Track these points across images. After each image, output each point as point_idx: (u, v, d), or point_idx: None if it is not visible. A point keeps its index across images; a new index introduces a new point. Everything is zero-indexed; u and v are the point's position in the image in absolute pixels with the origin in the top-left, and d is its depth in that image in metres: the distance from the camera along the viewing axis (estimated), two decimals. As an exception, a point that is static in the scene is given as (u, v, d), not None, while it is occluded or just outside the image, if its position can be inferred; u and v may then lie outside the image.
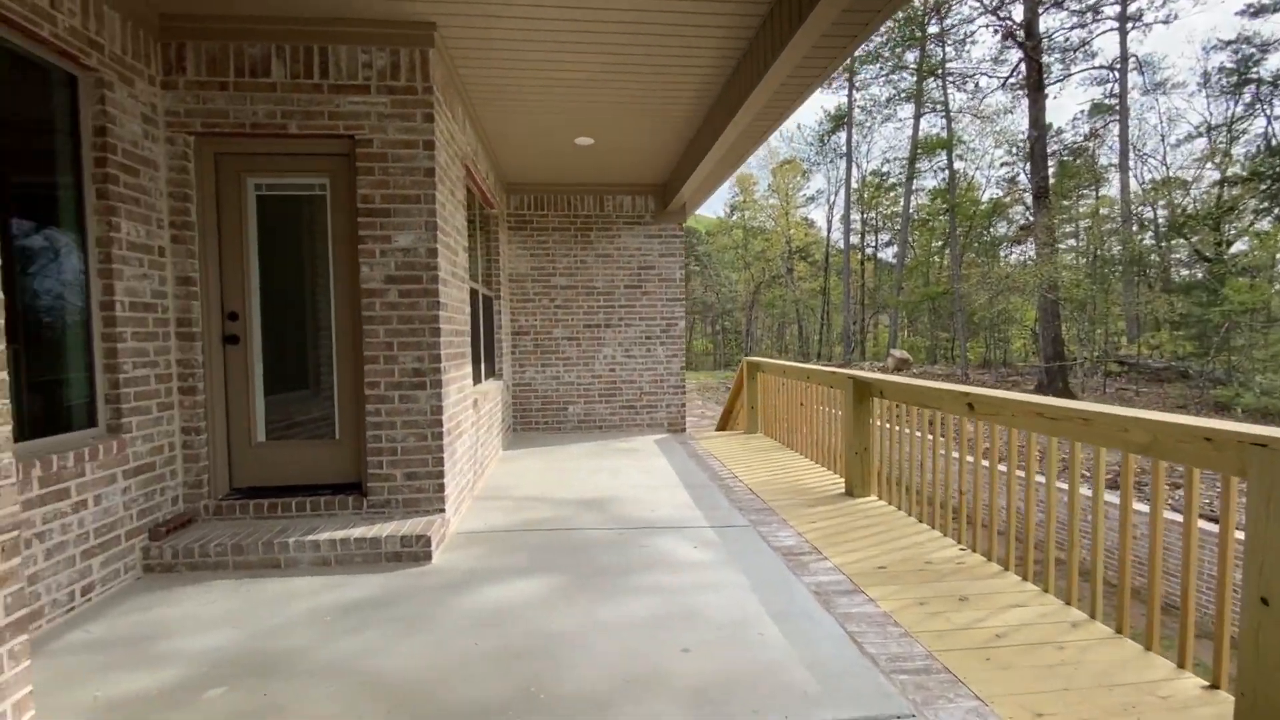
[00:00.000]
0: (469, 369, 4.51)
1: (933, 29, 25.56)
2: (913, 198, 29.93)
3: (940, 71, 24.51)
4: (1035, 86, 17.96)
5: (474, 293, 5.46)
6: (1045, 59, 22.06)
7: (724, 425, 8.73)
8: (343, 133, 3.55)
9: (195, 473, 3.54)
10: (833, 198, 42.19)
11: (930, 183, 29.91)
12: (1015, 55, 21.65)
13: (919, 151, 25.26)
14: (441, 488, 3.68)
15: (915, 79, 26.43)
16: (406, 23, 3.49)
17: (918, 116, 26.65)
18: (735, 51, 3.92)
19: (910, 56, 26.90)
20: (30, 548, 2.48)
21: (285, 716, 1.99)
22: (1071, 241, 22.10)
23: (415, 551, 3.33)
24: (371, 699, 2.08)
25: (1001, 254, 31.21)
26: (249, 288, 3.69)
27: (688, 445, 6.69)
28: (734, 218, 55.06)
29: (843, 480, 4.92)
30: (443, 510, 3.69)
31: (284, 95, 3.49)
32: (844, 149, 32.70)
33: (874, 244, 41.43)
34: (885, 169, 32.62)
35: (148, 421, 3.24)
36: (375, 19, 3.46)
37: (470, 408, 4.60)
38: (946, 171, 21.37)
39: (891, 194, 38.40)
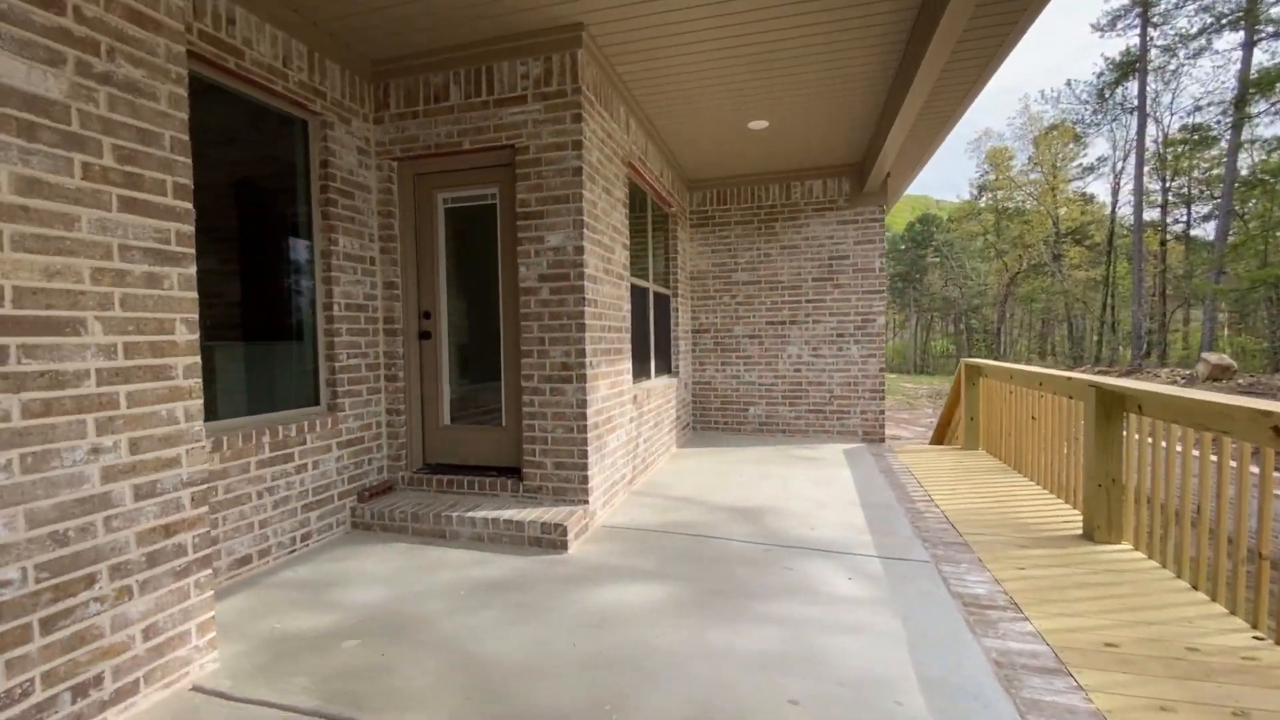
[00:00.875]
0: (626, 365, 4.53)
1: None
2: (1242, 154, 22.12)
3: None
4: None
5: (642, 290, 5.50)
6: None
7: (940, 438, 7.48)
8: (505, 143, 3.82)
9: (395, 448, 4.15)
10: (1119, 164, 33.70)
11: (1271, 131, 21.63)
12: None
13: (1251, 91, 18.42)
14: (586, 480, 3.74)
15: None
16: (554, 28, 3.61)
17: (1249, 44, 19.52)
18: (917, -15, 3.24)
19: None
20: (262, 498, 3.13)
21: (391, 678, 2.14)
22: None
23: (553, 539, 3.42)
24: (461, 680, 2.13)
25: None
26: (439, 290, 4.20)
27: (883, 459, 5.85)
28: (983, 200, 47.65)
29: (1080, 518, 3.77)
30: (586, 501, 3.74)
31: (459, 115, 3.89)
32: (1134, 102, 25.74)
33: (1184, 218, 31.89)
34: (1197, 121, 24.77)
35: (359, 403, 3.88)
36: (528, 30, 3.65)
37: (628, 403, 4.62)
38: None
39: (1206, 160, 29.10)
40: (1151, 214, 30.66)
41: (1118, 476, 3.49)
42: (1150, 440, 3.30)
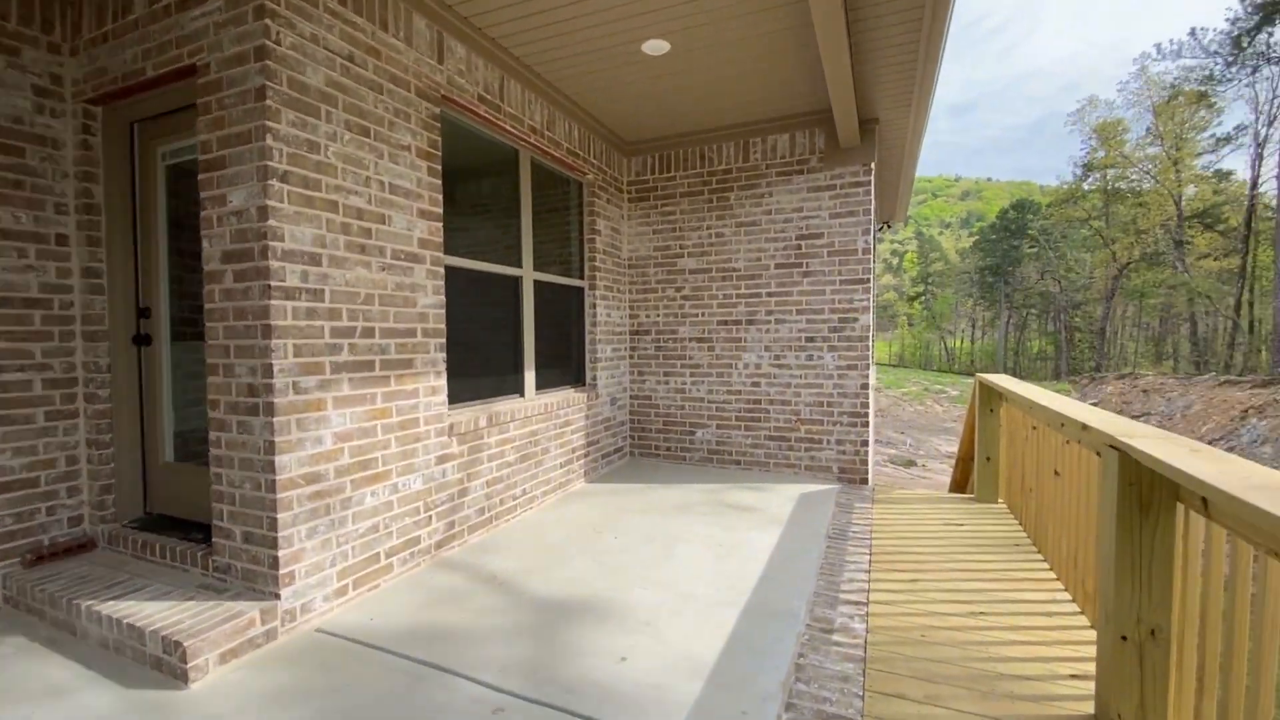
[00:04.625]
0: (420, 384, 3.21)
1: None
2: None
3: None
4: None
5: (507, 280, 4.15)
6: None
7: (961, 479, 5.61)
8: (186, 62, 2.61)
9: (98, 492, 3.07)
10: (1264, 130, 28.26)
11: None
12: None
13: None
14: (277, 562, 2.47)
15: None
16: None
17: None
18: None
19: None
20: None
21: None
22: None
23: (173, 665, 2.18)
24: None
25: None
26: (158, 279, 3.08)
27: (847, 514, 4.20)
28: (1088, 181, 42.09)
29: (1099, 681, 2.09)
30: (277, 595, 2.48)
31: (144, 30, 2.74)
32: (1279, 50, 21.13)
33: (1354, 193, 26.16)
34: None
35: (25, 433, 2.82)
36: (175, -123, 2.41)
37: (432, 437, 3.31)
38: None
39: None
40: (1305, 190, 25.36)
41: (1161, 626, 1.81)
42: (1227, 565, 1.62)
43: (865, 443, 4.92)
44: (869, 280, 4.87)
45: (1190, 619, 1.77)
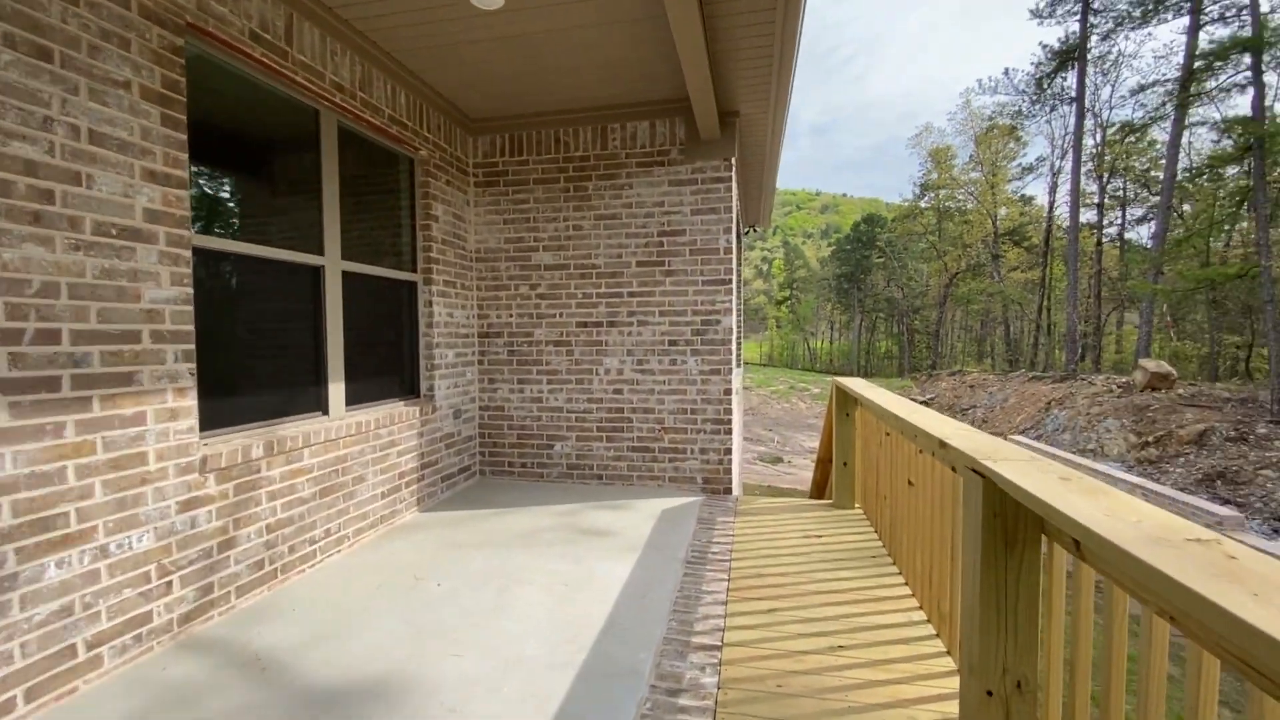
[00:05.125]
0: (160, 405, 2.40)
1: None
2: (1184, 146, 21.51)
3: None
4: None
5: (305, 269, 3.36)
6: None
7: (821, 480, 5.61)
8: None
9: None
10: (1057, 163, 33.41)
11: (1225, 112, 20.95)
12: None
13: (1198, 67, 17.49)
14: None
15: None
16: None
17: (1195, 28, 18.69)
18: None
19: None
20: None
21: None
22: None
23: None
24: None
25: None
26: None
27: (710, 530, 3.90)
28: (925, 200, 47.36)
29: (970, 678, 1.86)
30: None
31: None
32: (1073, 94, 25.02)
33: (1119, 220, 31.79)
34: (1138, 113, 24.18)
35: None
36: None
37: (171, 476, 2.48)
38: (1252, 89, 13.81)
39: (1145, 156, 28.85)
40: (1089, 215, 30.35)
41: (1028, 677, 1.58)
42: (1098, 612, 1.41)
43: (729, 451, 4.70)
44: (731, 281, 4.65)
45: (1056, 669, 1.56)
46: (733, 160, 4.64)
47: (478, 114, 4.89)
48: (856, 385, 4.08)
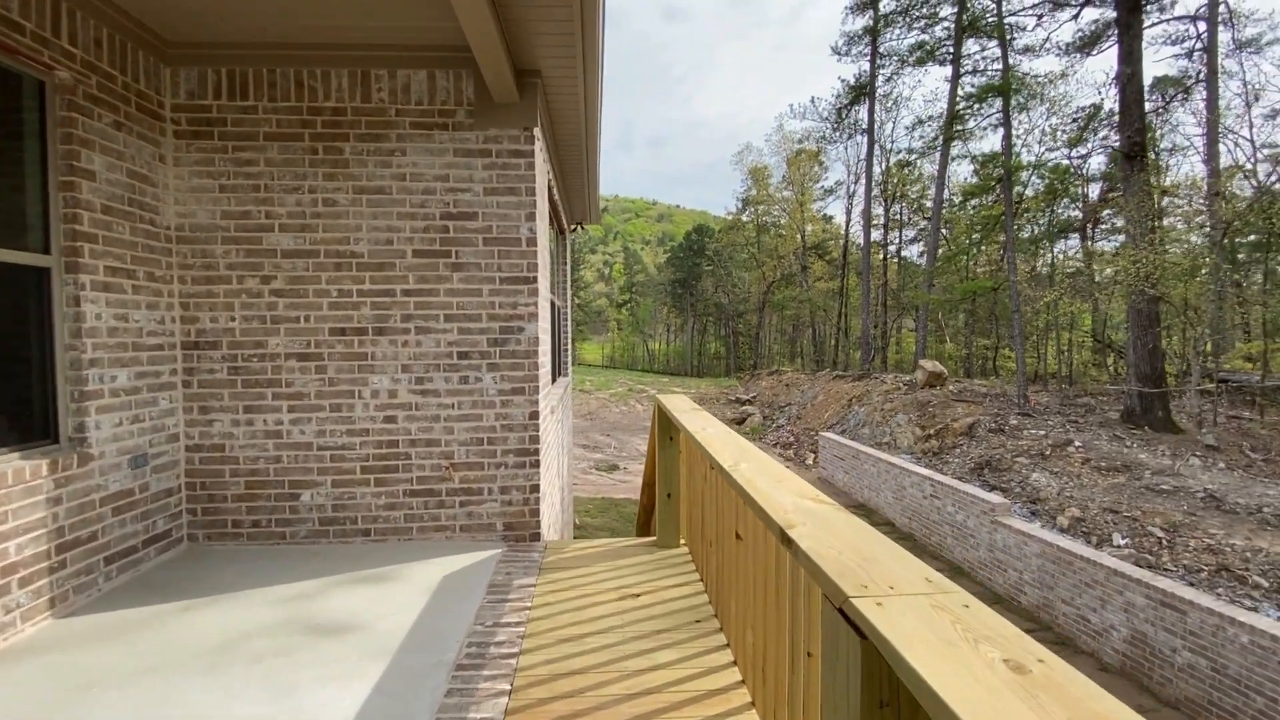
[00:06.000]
0: None
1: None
2: (950, 176, 25.57)
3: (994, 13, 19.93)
4: (1131, 6, 13.53)
5: None
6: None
7: (648, 504, 4.99)
8: None
9: None
10: (853, 187, 37.98)
11: (980, 148, 25.30)
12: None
13: (960, 109, 20.89)
14: None
15: (954, 32, 22.04)
16: None
17: (956, 76, 22.28)
18: None
19: (947, 10, 22.61)
20: None
21: None
22: (1170, 221, 17.26)
23: None
24: None
25: (1054, 246, 26.79)
26: None
27: (504, 599, 2.99)
28: (746, 214, 51.19)
29: None
30: None
31: None
32: (865, 124, 28.46)
33: (897, 240, 37.11)
34: (914, 145, 28.26)
35: None
36: None
37: None
38: (1001, 129, 16.88)
39: (917, 185, 34.03)
40: (877, 234, 34.82)
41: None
42: None
43: (536, 488, 3.83)
44: (537, 280, 3.80)
45: None
46: (536, 132, 3.79)
47: (178, 35, 3.45)
48: (680, 407, 3.47)
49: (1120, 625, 6.36)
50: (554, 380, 6.12)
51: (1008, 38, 17.94)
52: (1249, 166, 19.86)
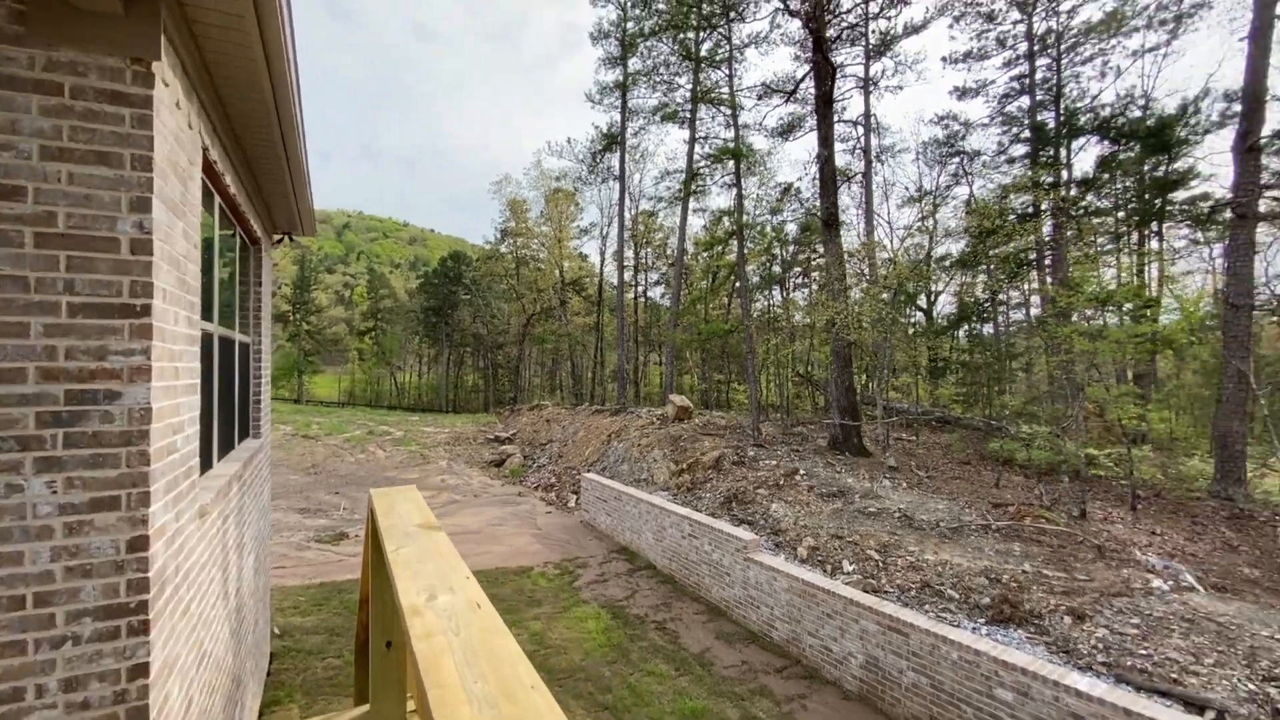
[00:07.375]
0: None
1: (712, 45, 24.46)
2: (690, 228, 28.62)
3: (727, 85, 22.99)
4: (825, 100, 16.74)
5: None
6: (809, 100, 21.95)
7: (362, 633, 3.54)
8: None
9: None
10: (606, 229, 40.09)
11: (715, 205, 28.67)
12: (800, 70, 20.99)
13: (699, 168, 23.48)
14: None
15: (690, 100, 24.90)
16: None
17: (694, 138, 25.08)
18: None
19: (684, 80, 25.48)
20: None
21: None
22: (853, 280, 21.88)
23: None
24: None
25: (768, 295, 31.64)
26: None
27: None
28: (504, 245, 50.31)
29: None
30: None
31: None
32: (617, 171, 30.26)
33: (644, 282, 40.24)
34: (662, 194, 31.02)
35: None
36: None
37: None
38: (734, 188, 19.35)
39: (660, 233, 37.44)
40: (629, 275, 37.12)
41: None
42: None
43: (143, 671, 2.20)
44: (150, 309, 2.25)
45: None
46: (163, 74, 2.30)
47: None
48: (393, 506, 2.29)
49: (857, 652, 6.78)
50: (219, 459, 4.23)
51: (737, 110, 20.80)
52: (885, 242, 26.31)
